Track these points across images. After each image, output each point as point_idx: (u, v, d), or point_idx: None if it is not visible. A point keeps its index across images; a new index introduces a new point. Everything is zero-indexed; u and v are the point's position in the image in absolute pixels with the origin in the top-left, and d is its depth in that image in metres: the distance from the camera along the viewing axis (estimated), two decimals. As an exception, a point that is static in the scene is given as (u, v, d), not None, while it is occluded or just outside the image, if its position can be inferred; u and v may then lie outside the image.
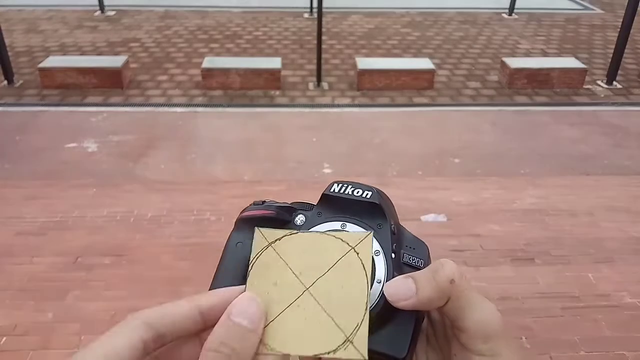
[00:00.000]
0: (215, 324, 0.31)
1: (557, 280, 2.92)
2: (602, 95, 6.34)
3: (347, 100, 6.30)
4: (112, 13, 9.44)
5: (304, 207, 0.41)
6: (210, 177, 4.57)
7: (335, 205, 0.39)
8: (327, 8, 8.19)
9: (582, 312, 2.65)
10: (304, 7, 9.75)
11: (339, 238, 0.35)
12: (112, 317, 2.33)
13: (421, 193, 3.69)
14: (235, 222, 0.42)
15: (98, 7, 9.41)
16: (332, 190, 0.39)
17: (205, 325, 0.32)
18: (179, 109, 5.91)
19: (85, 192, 3.82)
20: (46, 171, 4.14)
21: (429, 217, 3.29)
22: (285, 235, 0.36)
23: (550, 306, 2.72)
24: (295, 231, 0.36)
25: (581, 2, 10.99)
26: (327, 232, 0.36)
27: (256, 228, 0.36)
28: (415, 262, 0.38)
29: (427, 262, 0.38)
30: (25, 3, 9.66)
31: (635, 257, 3.13)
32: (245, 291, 0.33)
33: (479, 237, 3.17)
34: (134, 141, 4.84)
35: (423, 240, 0.40)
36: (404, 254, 0.38)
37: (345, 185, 0.39)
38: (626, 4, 6.30)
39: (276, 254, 0.35)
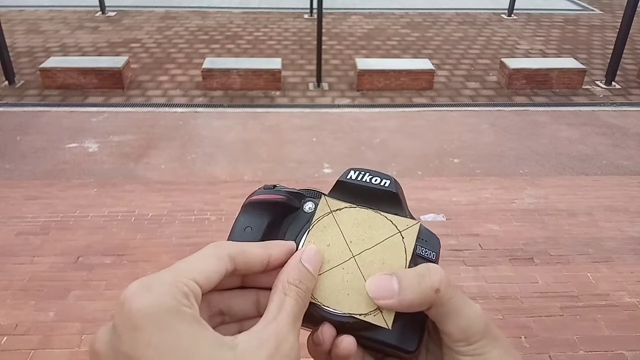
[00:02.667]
0: (273, 269, 0.36)
1: (556, 279, 2.93)
2: (601, 96, 6.35)
3: (346, 101, 6.31)
4: (113, 14, 9.46)
5: (313, 194, 0.42)
6: (210, 177, 4.58)
7: (350, 193, 0.40)
8: (327, 9, 8.21)
9: (581, 311, 2.65)
10: (304, 8, 9.77)
11: (389, 220, 0.38)
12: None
13: (421, 193, 3.70)
14: (243, 206, 0.42)
15: (99, 8, 9.42)
16: (348, 177, 0.40)
17: (266, 268, 0.36)
18: (179, 109, 5.93)
19: (86, 192, 3.83)
20: (47, 171, 4.15)
21: (428, 217, 3.30)
22: (345, 207, 0.39)
23: (549, 305, 2.72)
24: (355, 205, 0.39)
25: (580, 2, 11.00)
26: (382, 213, 0.39)
27: (323, 195, 0.40)
28: (427, 254, 0.38)
29: (439, 256, 0.38)
30: (26, 4, 9.68)
31: (634, 257, 3.13)
32: (300, 247, 0.38)
33: (478, 236, 3.17)
34: (134, 141, 4.85)
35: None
36: (417, 245, 0.38)
37: (363, 172, 0.40)
38: (625, 4, 6.31)
39: (334, 221, 0.39)
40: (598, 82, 6.74)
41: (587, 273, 3.01)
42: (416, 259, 0.37)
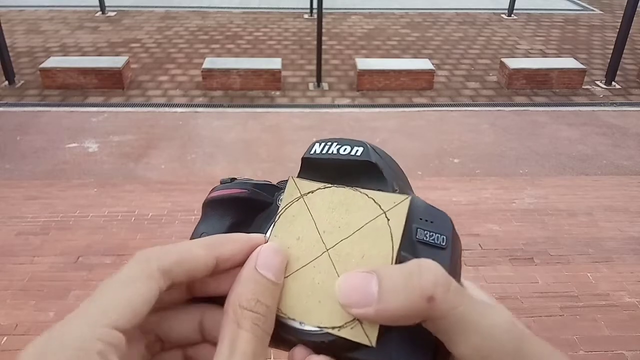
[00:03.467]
0: (226, 271, 0.28)
1: (556, 279, 2.93)
2: (601, 96, 6.35)
3: (347, 101, 6.31)
4: (113, 14, 9.46)
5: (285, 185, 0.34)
6: (210, 177, 4.57)
7: (319, 171, 0.32)
8: (327, 9, 8.20)
9: (581, 311, 2.65)
10: (304, 8, 9.76)
11: (371, 198, 0.30)
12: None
13: (420, 193, 3.66)
14: (203, 207, 0.35)
15: (99, 8, 9.42)
16: (313, 151, 0.32)
17: (214, 272, 0.28)
18: (179, 110, 5.92)
19: (86, 192, 3.83)
20: (47, 171, 4.15)
21: (429, 217, 3.30)
22: (319, 189, 0.32)
23: (549, 306, 2.72)
24: (329, 185, 0.31)
25: (580, 2, 11.00)
26: (361, 190, 0.30)
27: (290, 177, 0.33)
28: (434, 240, 0.28)
29: (453, 241, 0.29)
30: (26, 4, 9.67)
31: (634, 257, 3.13)
32: (267, 241, 0.30)
33: (478, 236, 3.17)
34: (134, 141, 4.84)
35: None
36: (418, 228, 0.28)
37: (329, 143, 0.32)
38: (625, 4, 6.31)
39: (306, 206, 0.31)
40: (598, 82, 6.74)
41: (587, 273, 3.01)
42: (416, 248, 0.28)
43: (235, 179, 0.36)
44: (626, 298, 2.81)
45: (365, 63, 6.81)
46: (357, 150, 0.31)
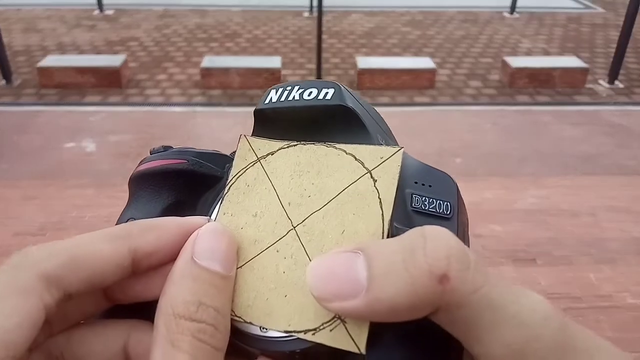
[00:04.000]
0: (153, 270, 0.20)
1: (558, 280, 2.91)
2: (604, 95, 6.31)
3: (347, 100, 6.28)
4: (111, 12, 9.42)
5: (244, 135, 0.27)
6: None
7: (280, 126, 0.25)
8: (327, 7, 8.15)
9: (583, 312, 2.64)
10: (304, 6, 9.72)
11: (350, 154, 0.23)
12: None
13: (422, 193, 3.66)
14: (129, 184, 0.28)
15: (97, 6, 9.38)
16: (268, 100, 0.25)
17: (135, 272, 0.21)
18: (178, 109, 5.89)
19: (84, 192, 3.81)
20: (44, 171, 4.12)
21: (430, 218, 3.27)
22: (281, 148, 0.24)
23: (552, 307, 2.70)
24: (294, 142, 0.25)
25: (583, 1, 10.96)
26: (337, 145, 0.24)
27: (242, 135, 0.26)
28: (435, 208, 0.22)
29: (459, 210, 0.23)
30: (23, 2, 9.64)
31: (638, 258, 3.11)
32: (213, 221, 0.23)
33: (480, 237, 3.15)
34: (132, 141, 4.81)
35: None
36: (413, 195, 0.22)
37: (289, 87, 0.25)
38: (628, 3, 6.27)
39: (264, 172, 0.24)
40: (601, 81, 6.70)
41: (589, 274, 3.00)
42: (412, 220, 0.22)
43: (171, 147, 0.27)
44: (629, 299, 2.80)
45: (365, 62, 6.77)
46: (326, 93, 0.24)
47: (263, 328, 0.21)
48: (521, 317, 0.18)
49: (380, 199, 0.21)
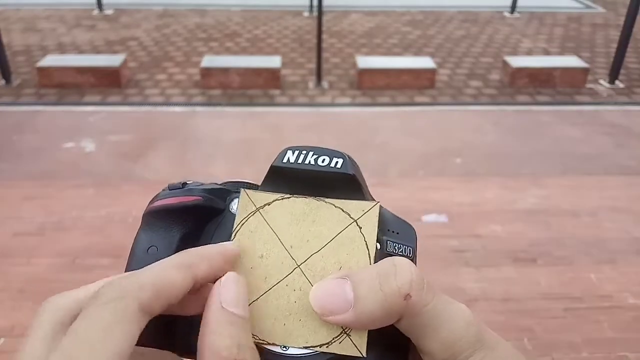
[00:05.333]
0: (201, 289, 0.25)
1: (559, 281, 2.90)
2: (605, 95, 6.30)
3: (347, 100, 6.26)
4: (111, 12, 9.41)
5: (243, 187, 0.32)
6: (209, 177, 4.52)
7: (289, 182, 0.30)
8: (327, 6, 8.15)
9: (584, 313, 2.63)
10: (304, 6, 9.72)
11: (338, 207, 0.29)
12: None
13: (422, 193, 3.66)
14: (143, 216, 0.32)
15: (96, 6, 9.38)
16: (285, 160, 0.30)
17: (191, 292, 0.25)
18: (177, 109, 5.88)
19: (83, 192, 3.80)
20: (43, 171, 4.11)
21: (430, 218, 3.26)
22: (276, 200, 0.29)
23: (552, 307, 2.70)
24: (287, 195, 0.30)
25: (583, 0, 10.95)
26: (326, 200, 0.29)
27: (242, 189, 0.31)
28: (403, 252, 0.29)
29: (416, 251, 0.30)
30: (23, 2, 9.63)
31: (638, 258, 3.11)
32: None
33: (480, 237, 3.14)
34: (132, 141, 4.81)
35: (411, 228, 0.31)
36: (387, 241, 0.29)
37: (305, 151, 0.30)
38: (628, 2, 6.26)
39: (264, 221, 0.29)
40: (601, 81, 6.70)
41: (590, 274, 2.99)
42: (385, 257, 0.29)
43: (187, 183, 0.33)
44: (630, 299, 2.80)
45: (366, 61, 6.76)
46: (337, 162, 0.29)
47: (284, 347, 0.26)
48: (451, 323, 0.25)
49: (366, 241, 0.28)
